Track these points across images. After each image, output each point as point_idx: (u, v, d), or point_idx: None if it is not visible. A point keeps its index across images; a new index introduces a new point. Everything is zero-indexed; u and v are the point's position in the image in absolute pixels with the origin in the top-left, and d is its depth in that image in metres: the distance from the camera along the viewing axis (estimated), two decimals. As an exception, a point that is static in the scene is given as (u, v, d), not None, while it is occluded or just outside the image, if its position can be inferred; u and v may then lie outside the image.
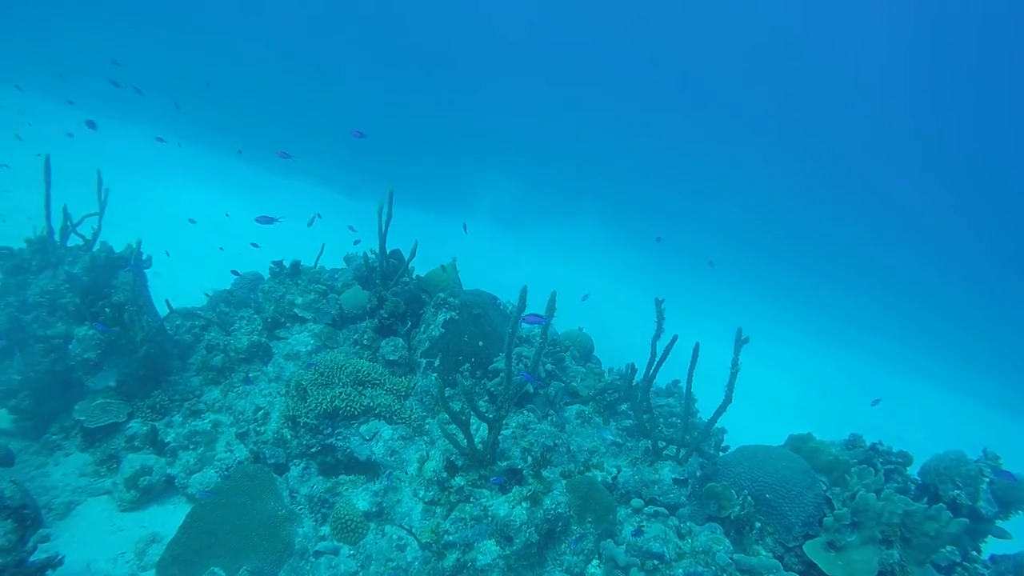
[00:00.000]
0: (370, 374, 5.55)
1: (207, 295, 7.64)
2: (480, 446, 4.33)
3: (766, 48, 51.22)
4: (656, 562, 4.34)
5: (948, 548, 4.51)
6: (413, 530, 4.28)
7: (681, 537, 4.70)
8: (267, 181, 25.87)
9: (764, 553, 4.63)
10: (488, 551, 4.02)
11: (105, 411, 5.80)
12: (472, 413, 4.40)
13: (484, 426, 4.67)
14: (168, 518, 5.46)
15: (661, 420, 5.84)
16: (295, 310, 6.62)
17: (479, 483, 4.35)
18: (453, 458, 4.42)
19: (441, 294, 6.23)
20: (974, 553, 5.74)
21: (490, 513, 4.16)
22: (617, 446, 5.53)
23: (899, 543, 4.44)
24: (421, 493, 4.58)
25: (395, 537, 4.30)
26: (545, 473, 4.43)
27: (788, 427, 6.97)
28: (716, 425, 6.37)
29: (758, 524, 4.74)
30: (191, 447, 5.83)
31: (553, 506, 4.28)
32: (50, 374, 5.74)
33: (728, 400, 4.81)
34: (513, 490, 4.28)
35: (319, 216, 9.79)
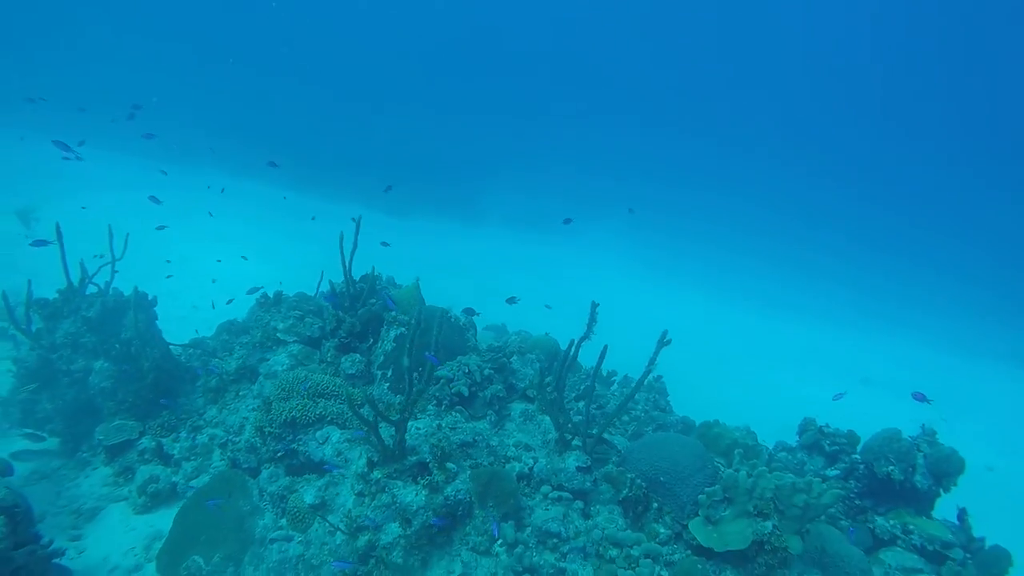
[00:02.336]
0: (327, 386, 6.39)
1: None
2: (391, 444, 5.05)
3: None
4: (555, 540, 4.93)
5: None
6: (342, 517, 5.06)
7: (587, 518, 5.26)
8: (316, 207, 27.43)
9: (663, 530, 5.10)
10: (391, 532, 4.75)
11: (120, 431, 6.92)
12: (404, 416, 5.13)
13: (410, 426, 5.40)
14: (171, 519, 6.49)
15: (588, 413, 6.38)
16: (277, 334, 7.57)
17: (393, 475, 5.07)
18: (372, 456, 5.16)
19: (392, 313, 7.01)
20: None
21: (397, 500, 4.88)
22: (548, 442, 6.11)
23: (776, 515, 4.82)
24: (356, 487, 5.34)
25: (328, 525, 5.09)
26: (450, 465, 5.10)
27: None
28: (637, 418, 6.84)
29: (655, 504, 5.23)
30: (192, 458, 6.84)
31: (453, 493, 4.95)
32: (75, 402, 6.91)
33: (631, 397, 5.35)
34: (420, 481, 4.98)
35: (313, 218, 10.41)
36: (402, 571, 4.71)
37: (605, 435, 6.20)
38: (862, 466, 6.76)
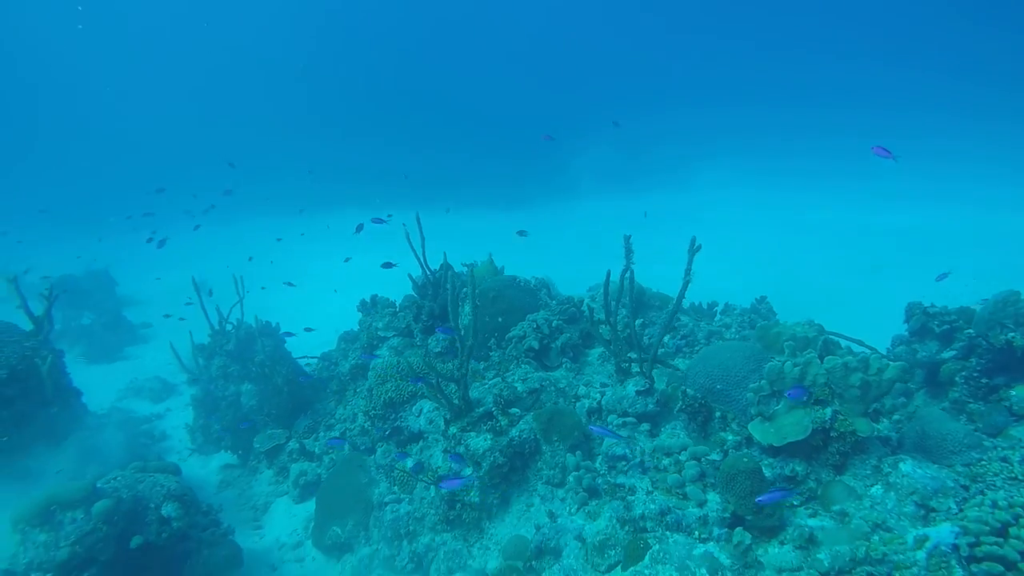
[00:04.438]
0: (415, 365, 7.11)
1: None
2: (458, 402, 5.60)
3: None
4: (623, 463, 5.16)
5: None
6: (432, 473, 5.70)
7: (654, 438, 5.41)
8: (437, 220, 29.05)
9: (730, 437, 5.12)
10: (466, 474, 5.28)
11: (271, 439, 8.22)
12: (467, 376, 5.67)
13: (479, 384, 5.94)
14: (320, 502, 7.62)
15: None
16: (378, 332, 8.49)
17: (467, 428, 5.60)
18: (446, 415, 5.75)
19: (465, 289, 7.58)
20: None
21: (469, 448, 5.41)
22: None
23: (835, 399, 4.64)
24: (443, 445, 5.97)
25: (426, 483, 5.76)
26: (514, 410, 5.52)
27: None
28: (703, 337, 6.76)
29: (718, 413, 5.23)
30: (330, 451, 7.95)
31: (518, 434, 5.36)
32: (235, 420, 8.33)
33: (674, 315, 5.42)
34: (485, 427, 5.47)
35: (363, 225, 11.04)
36: (480, 509, 5.22)
37: (677, 361, 6.26)
38: (981, 340, 6.08)
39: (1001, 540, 3.42)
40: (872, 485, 4.59)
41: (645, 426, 5.41)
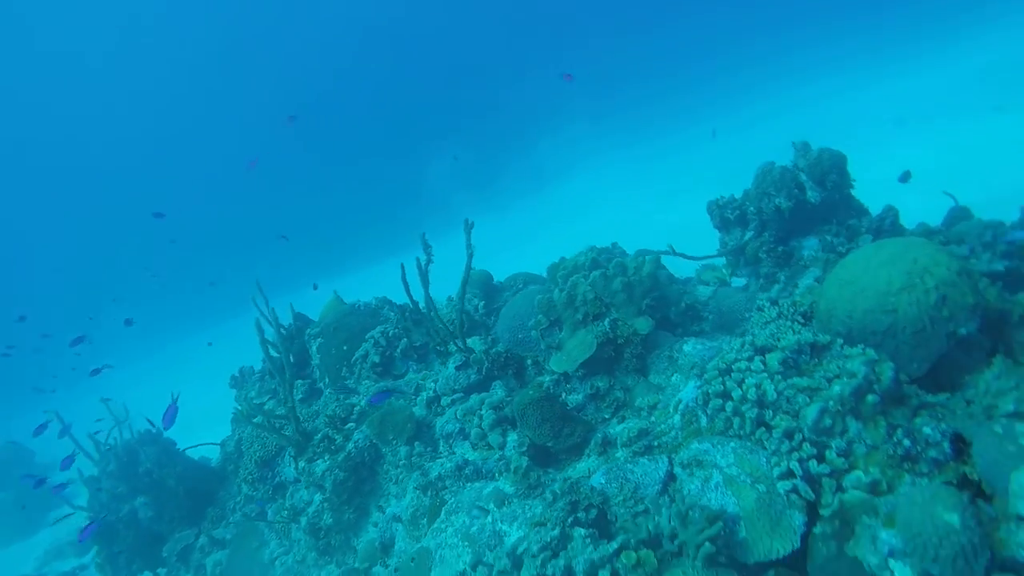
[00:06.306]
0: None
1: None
2: (293, 435, 5.64)
3: None
4: (455, 437, 5.26)
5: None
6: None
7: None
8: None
9: (547, 379, 5.27)
10: (315, 501, 5.32)
11: (179, 541, 8.03)
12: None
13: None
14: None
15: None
16: (254, 400, 8.44)
17: (313, 458, 5.64)
18: (291, 451, 5.77)
19: (309, 330, 7.66)
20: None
21: (313, 471, 5.44)
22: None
23: (610, 309, 4.87)
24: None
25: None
26: (349, 425, 5.59)
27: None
28: None
29: (529, 360, 5.42)
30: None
31: (353, 446, 5.43)
32: (135, 538, 8.12)
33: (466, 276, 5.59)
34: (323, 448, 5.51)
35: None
36: (340, 528, 5.25)
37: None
38: (755, 213, 6.44)
39: (725, 377, 3.65)
40: (673, 375, 4.82)
41: (475, 397, 5.54)
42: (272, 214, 38.32)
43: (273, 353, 7.22)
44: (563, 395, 4.89)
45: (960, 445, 2.81)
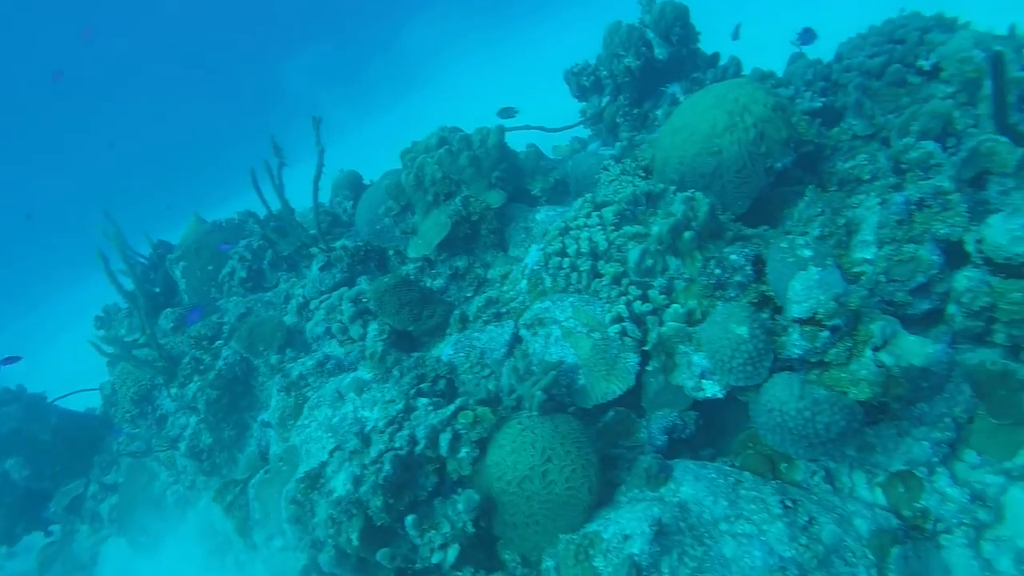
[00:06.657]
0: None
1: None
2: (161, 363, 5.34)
3: None
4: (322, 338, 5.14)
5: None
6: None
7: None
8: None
9: (411, 267, 5.19)
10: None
11: (67, 494, 7.69)
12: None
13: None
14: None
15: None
16: (125, 339, 7.93)
17: (185, 382, 5.40)
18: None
19: (170, 255, 7.14)
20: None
21: (185, 397, 5.24)
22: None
23: (463, 187, 4.76)
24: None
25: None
26: (218, 343, 5.34)
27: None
28: None
29: (391, 251, 5.29)
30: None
31: (223, 363, 5.23)
32: (13, 500, 7.70)
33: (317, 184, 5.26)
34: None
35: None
36: (222, 447, 5.17)
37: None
38: (608, 77, 6.37)
39: (564, 236, 3.70)
40: (531, 245, 4.83)
41: (335, 293, 5.37)
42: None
43: (121, 281, 6.71)
44: (427, 280, 4.85)
45: (760, 267, 3.01)
